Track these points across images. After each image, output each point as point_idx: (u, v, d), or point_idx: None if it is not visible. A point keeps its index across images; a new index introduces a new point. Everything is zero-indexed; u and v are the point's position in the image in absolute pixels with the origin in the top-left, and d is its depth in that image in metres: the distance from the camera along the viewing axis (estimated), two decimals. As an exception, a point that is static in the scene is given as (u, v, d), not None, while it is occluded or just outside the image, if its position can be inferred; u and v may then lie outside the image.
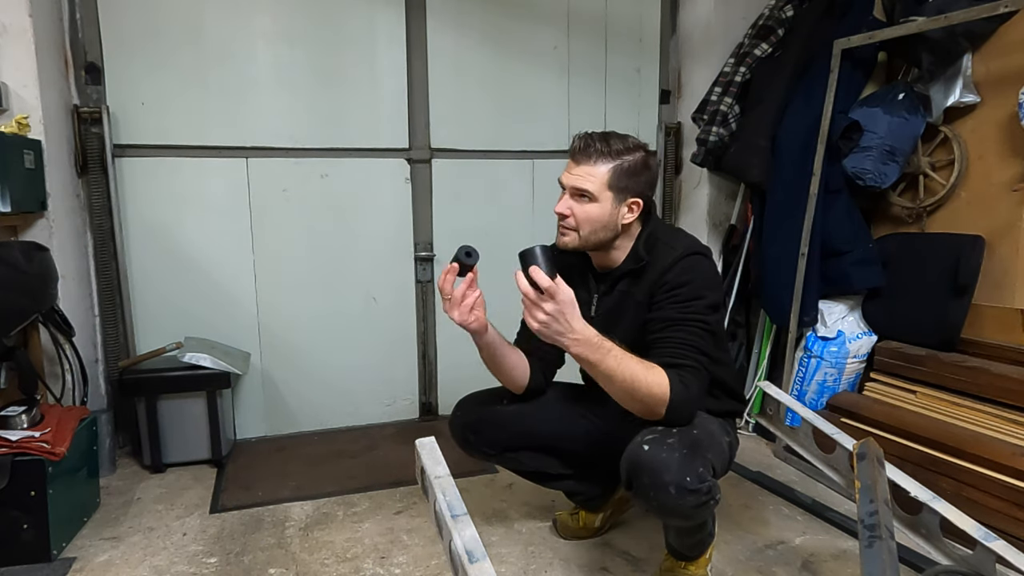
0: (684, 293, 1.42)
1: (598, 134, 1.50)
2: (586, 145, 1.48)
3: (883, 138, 2.35)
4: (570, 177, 1.50)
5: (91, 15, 2.31)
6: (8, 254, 1.78)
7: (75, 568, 1.73)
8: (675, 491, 1.28)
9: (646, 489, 1.31)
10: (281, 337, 2.66)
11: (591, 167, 1.47)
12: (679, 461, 1.30)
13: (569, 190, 1.50)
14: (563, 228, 1.53)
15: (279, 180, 2.58)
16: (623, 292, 1.57)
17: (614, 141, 1.48)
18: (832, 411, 2.36)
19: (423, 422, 2.89)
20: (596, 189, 1.47)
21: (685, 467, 1.29)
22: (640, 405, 1.35)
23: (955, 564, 1.44)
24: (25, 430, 1.77)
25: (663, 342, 1.40)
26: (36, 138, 2.05)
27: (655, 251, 1.51)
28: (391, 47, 2.63)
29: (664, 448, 1.31)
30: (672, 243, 1.52)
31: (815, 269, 2.46)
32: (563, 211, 1.51)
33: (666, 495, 1.28)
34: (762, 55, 2.65)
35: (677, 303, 1.42)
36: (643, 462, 1.31)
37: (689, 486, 1.28)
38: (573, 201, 1.50)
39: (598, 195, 1.47)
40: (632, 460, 1.33)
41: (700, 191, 2.94)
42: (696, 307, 1.42)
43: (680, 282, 1.43)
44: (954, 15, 2.02)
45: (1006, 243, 2.18)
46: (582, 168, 1.48)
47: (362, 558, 1.78)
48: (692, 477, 1.29)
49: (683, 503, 1.29)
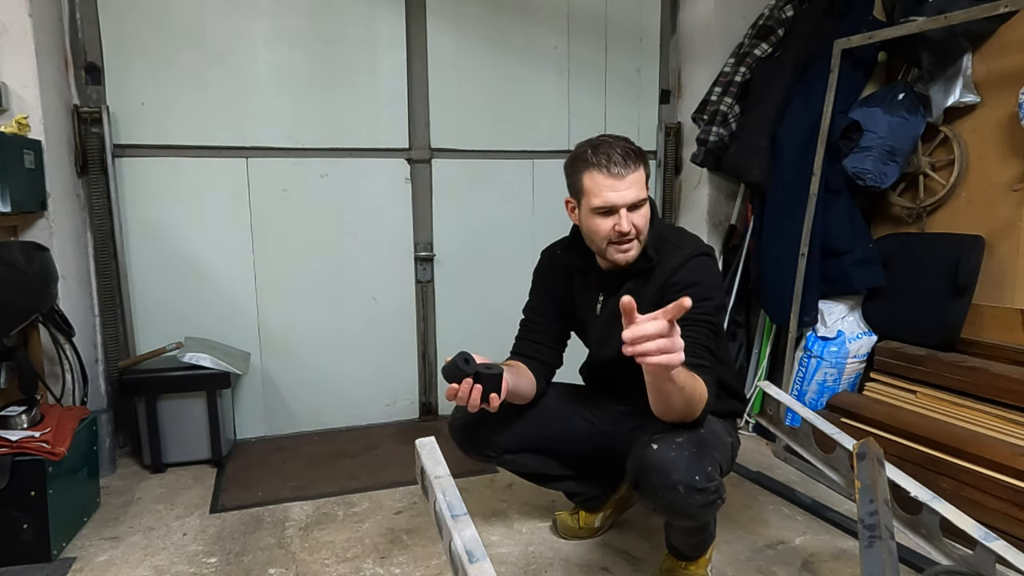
0: (694, 294, 1.41)
1: (613, 141, 1.46)
2: (619, 153, 1.43)
3: (883, 138, 2.35)
4: (625, 193, 1.42)
5: (91, 15, 2.31)
6: (8, 254, 1.78)
7: (75, 568, 1.73)
8: (684, 490, 1.28)
9: (654, 488, 1.30)
10: (281, 337, 2.66)
11: (636, 173, 1.44)
12: (687, 460, 1.30)
13: (626, 206, 1.44)
14: (625, 243, 1.47)
15: (279, 180, 2.58)
16: (631, 292, 1.56)
17: (628, 145, 1.46)
18: (832, 411, 2.36)
19: (423, 422, 2.89)
20: (645, 193, 1.47)
21: (693, 466, 1.29)
22: (688, 411, 1.30)
23: (955, 564, 1.44)
24: (25, 430, 1.77)
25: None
26: (36, 138, 2.05)
27: (663, 251, 1.52)
28: (391, 48, 2.63)
29: (672, 447, 1.31)
30: (678, 243, 1.52)
31: (815, 269, 2.46)
32: (629, 228, 1.44)
33: (675, 494, 1.28)
34: (762, 55, 2.65)
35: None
36: (651, 461, 1.31)
37: (698, 485, 1.28)
38: (632, 214, 1.45)
39: (647, 197, 1.48)
40: (640, 459, 1.33)
41: (700, 191, 2.94)
42: (706, 308, 1.42)
43: (690, 282, 1.43)
44: (954, 15, 2.02)
45: (1006, 243, 2.18)
46: (631, 178, 1.43)
47: (362, 558, 1.78)
48: (701, 476, 1.29)
49: (691, 502, 1.29)
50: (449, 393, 1.36)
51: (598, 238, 1.49)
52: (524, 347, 1.73)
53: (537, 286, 1.78)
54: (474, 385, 1.35)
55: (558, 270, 1.72)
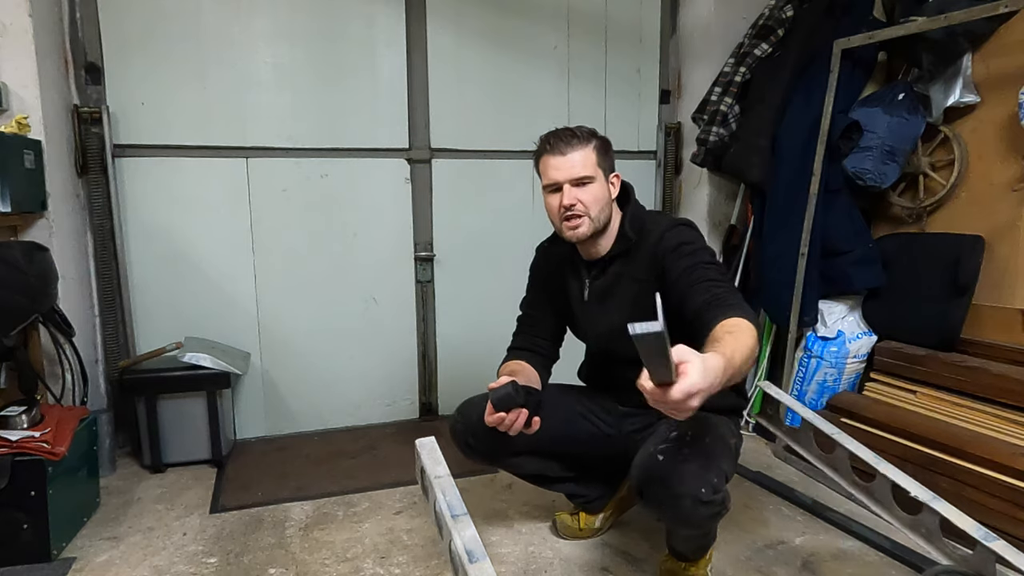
0: (686, 249, 1.45)
1: (560, 128, 1.54)
2: (563, 136, 1.51)
3: (883, 138, 2.35)
4: (563, 170, 1.50)
5: (91, 15, 2.31)
6: (8, 254, 1.78)
7: (75, 568, 1.73)
8: (690, 503, 1.27)
9: (659, 500, 1.30)
10: (281, 337, 2.66)
11: (581, 152, 1.50)
12: (694, 472, 1.29)
13: (569, 181, 1.50)
14: (573, 219, 1.52)
15: (279, 180, 2.58)
16: (616, 273, 1.59)
17: (577, 128, 1.53)
18: (832, 411, 2.36)
19: (423, 422, 2.89)
20: (591, 170, 1.51)
21: (700, 478, 1.28)
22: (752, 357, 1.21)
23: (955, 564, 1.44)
24: (25, 430, 1.77)
25: (697, 287, 1.38)
26: (36, 138, 2.05)
27: (642, 230, 1.55)
28: (391, 47, 2.63)
29: (679, 459, 1.30)
30: (656, 220, 1.56)
31: (815, 269, 2.46)
32: (571, 201, 1.50)
33: (680, 507, 1.27)
34: (762, 55, 2.65)
35: (685, 256, 1.44)
36: (658, 473, 1.30)
37: (704, 498, 1.27)
38: (576, 190, 1.50)
39: (594, 175, 1.51)
40: (646, 470, 1.32)
41: (700, 191, 2.94)
42: (703, 256, 1.45)
43: (678, 243, 1.47)
44: (954, 15, 2.02)
45: (1006, 243, 2.18)
46: (572, 156, 1.50)
47: (362, 558, 1.78)
48: (707, 488, 1.27)
49: (697, 514, 1.28)
50: (495, 420, 1.42)
51: (552, 216, 1.56)
52: (523, 341, 1.76)
53: (532, 281, 1.81)
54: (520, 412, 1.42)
55: (550, 264, 1.75)
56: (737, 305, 1.31)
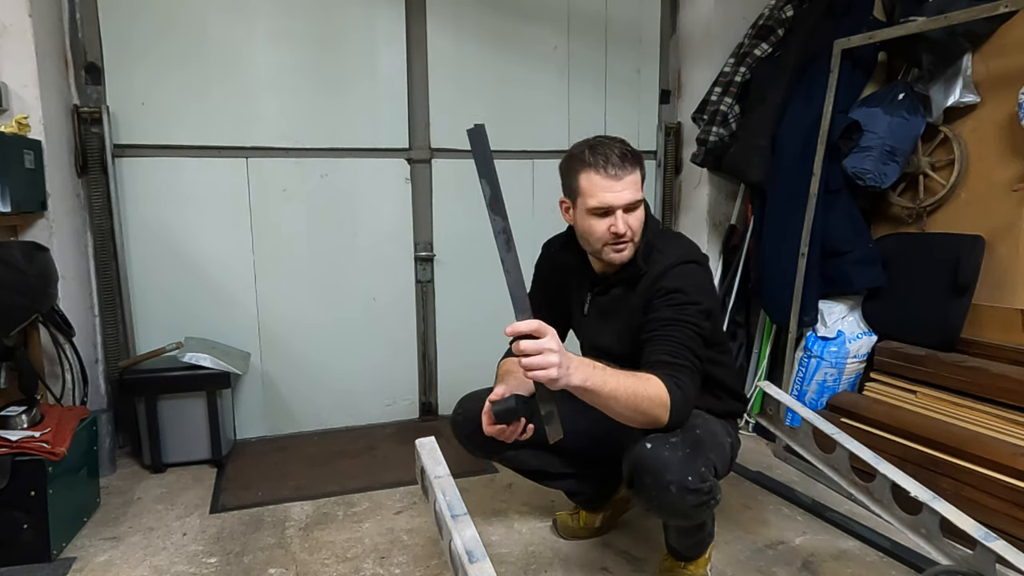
0: (678, 298, 1.42)
1: (610, 142, 1.46)
2: (616, 156, 1.42)
3: (883, 138, 2.35)
4: (622, 194, 1.43)
5: (91, 15, 2.31)
6: (8, 254, 1.78)
7: (75, 568, 1.73)
8: (676, 490, 1.28)
9: (647, 488, 1.31)
10: (281, 337, 2.66)
11: (633, 175, 1.44)
12: (681, 460, 1.30)
13: (623, 207, 1.43)
14: (621, 244, 1.47)
15: (279, 180, 2.58)
16: (617, 296, 1.58)
17: (625, 146, 1.46)
18: (832, 411, 2.36)
19: (423, 422, 2.89)
20: (641, 195, 1.47)
21: (687, 466, 1.30)
22: (643, 418, 1.30)
23: (955, 564, 1.44)
24: (25, 430, 1.77)
25: (658, 340, 1.39)
26: (36, 138, 2.05)
27: (650, 259, 1.52)
28: (391, 47, 2.63)
29: (667, 447, 1.31)
30: (666, 251, 1.51)
31: (815, 269, 2.46)
32: (625, 229, 1.44)
33: (667, 494, 1.29)
34: (762, 55, 2.65)
35: (672, 305, 1.42)
36: (645, 461, 1.31)
37: (690, 485, 1.29)
38: (628, 215, 1.45)
39: (643, 199, 1.48)
40: (634, 459, 1.34)
41: (700, 191, 2.94)
42: (691, 311, 1.41)
43: (674, 287, 1.43)
44: (954, 15, 2.02)
45: (1006, 243, 2.18)
46: (627, 179, 1.43)
47: (362, 558, 1.78)
48: (694, 476, 1.30)
49: (684, 502, 1.30)
50: (495, 432, 1.42)
51: (593, 239, 1.49)
52: None
53: (536, 279, 1.80)
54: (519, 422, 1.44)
55: (556, 266, 1.74)
56: (674, 377, 1.32)
